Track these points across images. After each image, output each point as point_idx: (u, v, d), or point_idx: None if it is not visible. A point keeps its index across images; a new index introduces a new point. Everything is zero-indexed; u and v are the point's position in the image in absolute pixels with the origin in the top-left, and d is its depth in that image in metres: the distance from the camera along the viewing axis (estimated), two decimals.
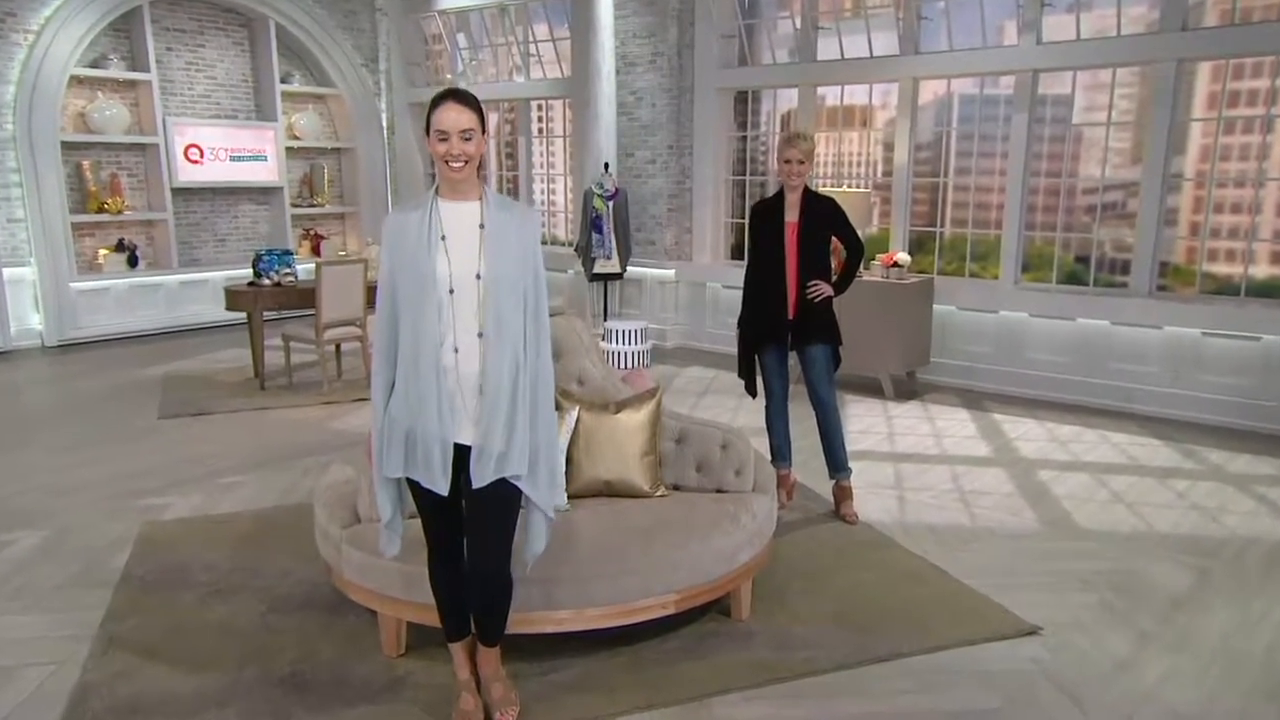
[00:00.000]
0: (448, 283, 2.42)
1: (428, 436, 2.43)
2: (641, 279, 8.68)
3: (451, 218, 2.48)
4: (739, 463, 3.57)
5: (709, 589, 3.18)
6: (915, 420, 6.23)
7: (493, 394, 2.44)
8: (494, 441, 2.45)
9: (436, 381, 2.42)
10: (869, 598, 3.58)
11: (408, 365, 2.45)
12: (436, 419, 2.42)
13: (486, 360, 2.45)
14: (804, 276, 4.34)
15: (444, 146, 2.42)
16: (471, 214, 2.49)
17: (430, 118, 2.45)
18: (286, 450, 5.50)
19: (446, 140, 2.42)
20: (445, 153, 2.42)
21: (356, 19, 10.42)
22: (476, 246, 2.46)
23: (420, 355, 2.43)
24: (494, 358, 2.44)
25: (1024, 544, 4.15)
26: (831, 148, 8.03)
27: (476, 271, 2.44)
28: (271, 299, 6.83)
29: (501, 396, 2.44)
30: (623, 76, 8.40)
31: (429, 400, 2.42)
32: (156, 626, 3.34)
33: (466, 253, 2.45)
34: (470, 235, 2.47)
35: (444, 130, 2.41)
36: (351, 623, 3.32)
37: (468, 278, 2.44)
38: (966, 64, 7.00)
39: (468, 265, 2.44)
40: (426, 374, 2.42)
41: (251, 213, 10.03)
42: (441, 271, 2.42)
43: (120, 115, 8.77)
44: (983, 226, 7.23)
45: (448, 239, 2.45)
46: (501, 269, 2.45)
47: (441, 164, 2.45)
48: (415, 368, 2.43)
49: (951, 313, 7.12)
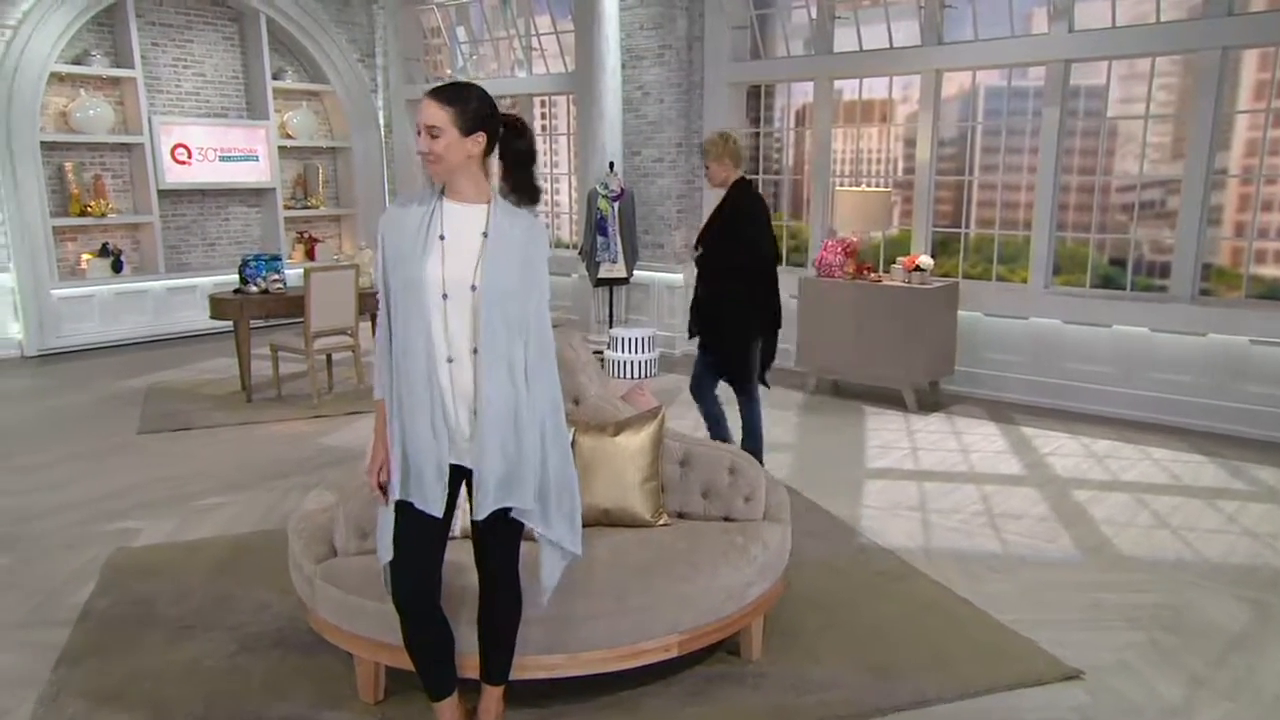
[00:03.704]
0: (440, 287, 2.23)
1: (420, 455, 2.27)
2: (649, 284, 8.33)
3: (454, 219, 2.28)
4: (749, 488, 3.29)
5: (716, 629, 2.94)
6: (939, 435, 5.90)
7: (487, 414, 2.26)
8: (491, 464, 2.27)
9: (429, 395, 2.25)
10: (891, 635, 3.34)
11: (400, 375, 2.29)
12: (430, 435, 2.26)
13: (480, 378, 2.24)
14: (699, 272, 4.71)
15: (418, 141, 2.26)
16: (477, 219, 2.29)
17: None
18: (270, 469, 5.19)
19: (420, 135, 2.25)
20: (418, 148, 2.26)
21: (352, 12, 10.08)
22: (476, 254, 2.25)
23: (412, 364, 2.25)
24: (489, 375, 2.26)
25: (1060, 574, 3.87)
26: (849, 144, 7.70)
27: (472, 282, 2.23)
28: (258, 307, 6.49)
29: (498, 418, 2.27)
30: (629, 71, 8.05)
31: (420, 415, 2.26)
32: (116, 669, 3.09)
33: (464, 259, 2.25)
34: (471, 241, 2.27)
35: (418, 123, 2.25)
36: (327, 664, 3.08)
37: (463, 286, 2.23)
38: (993, 54, 6.66)
39: (463, 272, 2.25)
40: (418, 386, 2.26)
41: (243, 215, 9.69)
42: (433, 274, 2.24)
43: (104, 114, 8.43)
44: (1011, 227, 6.92)
45: (446, 240, 2.25)
46: (500, 281, 2.25)
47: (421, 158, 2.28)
48: (407, 379, 2.27)
49: (977, 319, 6.77)
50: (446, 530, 2.38)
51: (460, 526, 2.77)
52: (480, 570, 2.49)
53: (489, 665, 2.58)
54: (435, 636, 2.46)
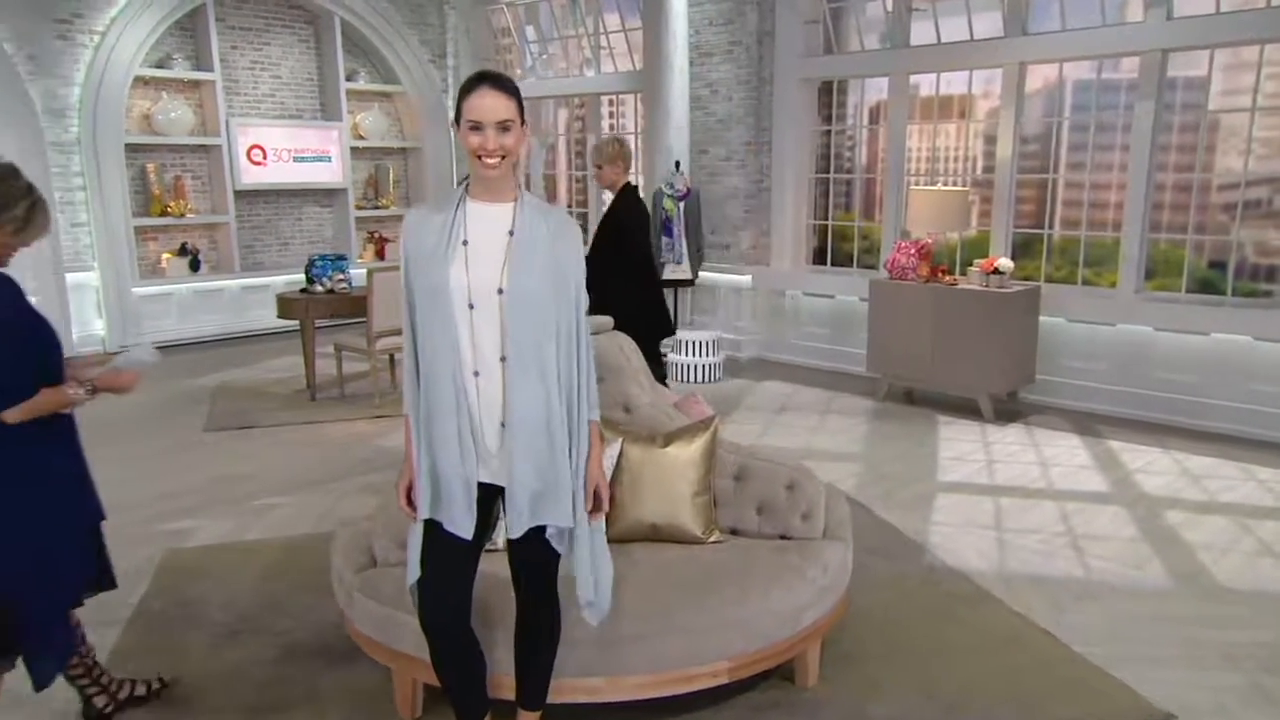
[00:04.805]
0: (466, 295, 2.08)
1: (449, 473, 2.15)
2: (715, 285, 8.15)
3: (478, 221, 2.13)
4: (807, 505, 3.10)
5: (768, 654, 2.79)
6: (1018, 447, 5.60)
7: (517, 426, 2.13)
8: (523, 480, 2.15)
9: (456, 412, 2.13)
10: (960, 665, 3.13)
11: (426, 391, 2.17)
12: (458, 453, 2.13)
13: (509, 389, 2.10)
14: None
15: (477, 139, 2.07)
16: (502, 218, 2.14)
17: (461, 105, 2.08)
18: (329, 470, 5.20)
19: (480, 131, 2.06)
20: (479, 146, 2.07)
21: (424, 13, 10.15)
22: (502, 256, 2.10)
23: (438, 379, 2.12)
24: (518, 386, 2.12)
25: (1150, 604, 3.59)
26: (925, 142, 7.40)
27: (499, 285, 2.08)
28: (324, 307, 6.57)
29: (528, 430, 2.14)
30: (697, 68, 7.89)
31: (448, 431, 2.14)
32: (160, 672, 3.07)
33: (489, 262, 2.10)
34: (497, 242, 2.12)
35: (477, 120, 2.06)
36: (367, 675, 3.04)
37: (489, 291, 2.08)
38: (1082, 45, 6.31)
39: (489, 276, 2.10)
40: (445, 402, 2.13)
41: (315, 215, 9.84)
42: (457, 281, 2.10)
43: (184, 116, 8.65)
44: (1099, 228, 6.56)
45: (470, 244, 2.11)
46: (528, 283, 2.10)
47: (474, 160, 2.09)
48: (434, 393, 2.15)
49: (1061, 325, 6.41)
50: (478, 551, 2.26)
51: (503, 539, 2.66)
52: (517, 588, 2.37)
53: (525, 689, 2.46)
54: (465, 660, 2.34)
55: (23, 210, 2.36)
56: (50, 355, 2.44)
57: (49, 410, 2.39)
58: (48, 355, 2.43)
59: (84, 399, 2.44)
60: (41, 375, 2.36)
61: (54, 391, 2.39)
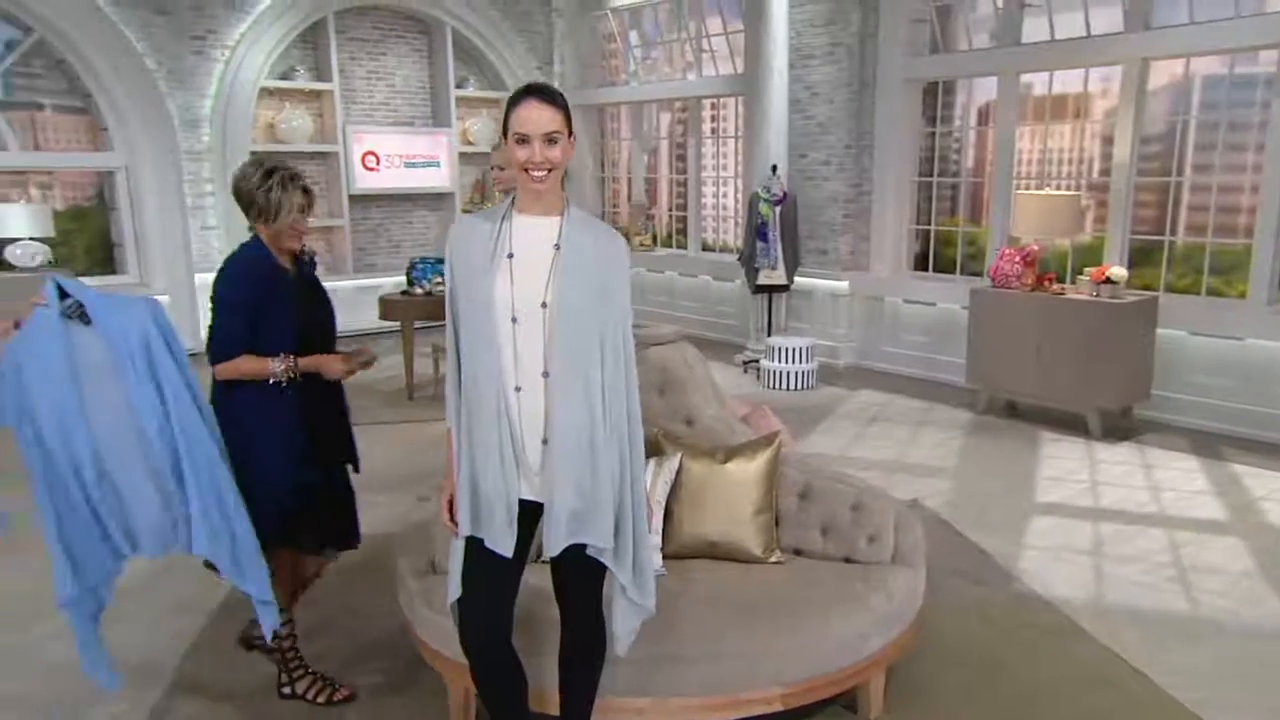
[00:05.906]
0: (509, 309, 2.08)
1: (489, 489, 2.13)
2: (811, 291, 7.99)
3: (524, 234, 2.13)
4: (874, 528, 2.99)
5: (826, 682, 2.68)
6: (1127, 468, 5.28)
7: (559, 444, 2.11)
8: (564, 497, 2.11)
9: (498, 428, 2.11)
10: (1044, 705, 2.96)
11: (469, 403, 2.16)
12: (499, 470, 2.12)
13: (552, 404, 2.08)
14: None
15: (524, 152, 2.05)
16: (548, 231, 2.13)
17: (509, 117, 2.08)
18: (418, 469, 5.33)
19: (527, 144, 2.05)
20: (526, 160, 2.05)
21: (531, 21, 10.34)
22: (547, 269, 2.09)
23: (480, 394, 2.11)
24: (561, 401, 2.10)
25: (1262, 648, 3.32)
26: (1036, 143, 7.05)
27: (543, 299, 2.07)
28: (422, 309, 6.78)
29: (570, 446, 2.11)
30: (796, 71, 7.75)
31: (490, 448, 2.12)
32: (233, 671, 3.19)
33: (534, 275, 2.10)
34: (542, 256, 2.11)
35: (524, 133, 2.05)
36: (427, 684, 3.04)
37: (533, 305, 2.08)
38: (1212, 39, 5.88)
39: (534, 290, 2.09)
40: (487, 417, 2.11)
41: (424, 219, 10.18)
42: (502, 294, 2.09)
43: (305, 125, 9.09)
44: (1228, 234, 6.15)
45: (515, 257, 2.10)
46: (573, 298, 2.08)
47: (521, 173, 2.08)
48: (476, 407, 2.14)
49: (1181, 338, 6.00)
50: (520, 569, 2.25)
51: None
52: (560, 606, 2.35)
53: (568, 707, 2.43)
54: (505, 679, 2.32)
55: (264, 199, 2.82)
56: (283, 331, 2.76)
57: (248, 375, 2.72)
58: (279, 331, 2.75)
59: (281, 374, 2.73)
60: (275, 347, 2.73)
61: (255, 360, 2.72)
